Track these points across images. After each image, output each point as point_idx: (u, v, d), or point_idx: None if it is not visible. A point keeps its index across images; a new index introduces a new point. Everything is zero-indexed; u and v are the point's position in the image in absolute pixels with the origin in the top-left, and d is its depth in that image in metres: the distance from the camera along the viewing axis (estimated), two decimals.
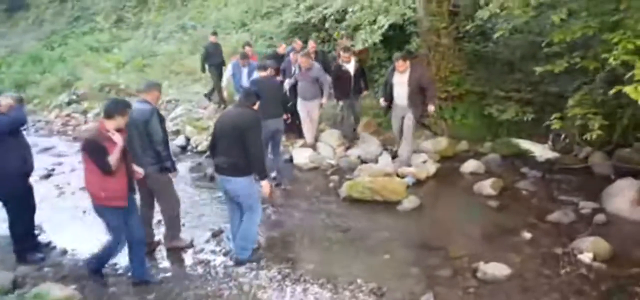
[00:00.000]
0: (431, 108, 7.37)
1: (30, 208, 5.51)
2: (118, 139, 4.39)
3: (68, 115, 12.30)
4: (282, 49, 10.10)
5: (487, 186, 6.64)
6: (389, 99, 7.65)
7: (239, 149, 4.74)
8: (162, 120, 5.29)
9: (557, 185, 6.80)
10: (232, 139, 4.78)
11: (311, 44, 9.47)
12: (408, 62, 7.28)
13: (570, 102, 6.30)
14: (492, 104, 8.44)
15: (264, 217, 6.24)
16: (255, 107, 5.05)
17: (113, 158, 4.33)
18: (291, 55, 9.15)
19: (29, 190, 5.52)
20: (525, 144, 8.03)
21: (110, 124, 4.41)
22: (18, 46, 17.33)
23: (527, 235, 5.40)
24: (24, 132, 5.61)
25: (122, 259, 5.28)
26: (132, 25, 16.73)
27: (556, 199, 6.37)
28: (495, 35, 7.50)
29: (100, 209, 4.55)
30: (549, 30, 6.98)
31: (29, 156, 5.42)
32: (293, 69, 8.69)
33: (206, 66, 10.93)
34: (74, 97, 12.89)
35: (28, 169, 5.43)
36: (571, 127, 6.83)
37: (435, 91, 7.66)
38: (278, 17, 12.81)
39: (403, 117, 7.46)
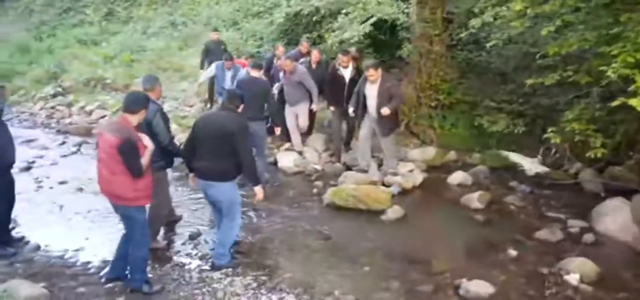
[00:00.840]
0: (385, 110, 6.80)
1: (8, 201, 5.32)
2: (148, 142, 4.25)
3: (53, 107, 12.08)
4: (304, 47, 9.22)
5: (474, 199, 6.51)
6: (361, 108, 7.15)
7: (226, 153, 4.61)
8: (166, 120, 5.08)
9: (546, 201, 6.67)
10: (218, 143, 4.62)
11: (280, 49, 9.26)
12: (379, 71, 6.91)
13: (569, 115, 6.21)
14: (482, 114, 8.35)
15: (244, 221, 6.09)
16: (240, 109, 4.90)
17: (144, 161, 4.19)
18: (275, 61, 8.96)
19: (10, 183, 5.35)
20: (514, 157, 7.95)
21: (134, 119, 4.22)
22: (6, 36, 17.00)
23: (513, 252, 5.26)
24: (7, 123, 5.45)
25: (94, 258, 5.16)
26: (122, 20, 16.53)
27: (544, 216, 6.24)
28: (489, 45, 7.39)
29: (127, 209, 4.31)
30: (543, 41, 6.91)
31: (10, 147, 5.22)
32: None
33: (206, 64, 10.63)
34: (60, 89, 12.65)
35: (7, 161, 5.22)
36: (564, 141, 6.73)
37: (400, 102, 7.28)
38: (269, 16, 12.67)
39: (374, 130, 7.19)
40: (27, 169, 8.05)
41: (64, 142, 9.71)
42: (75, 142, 9.65)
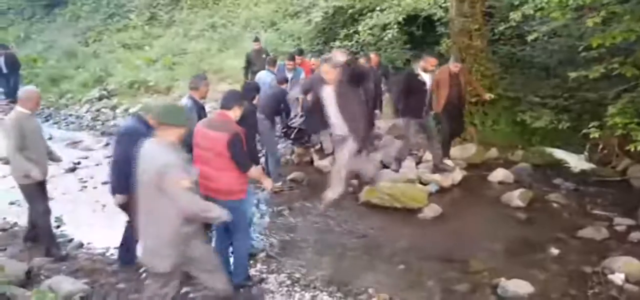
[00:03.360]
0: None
1: None
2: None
3: (98, 110, 12.51)
4: (375, 59, 8.35)
5: (515, 197, 6.30)
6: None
7: None
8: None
9: (591, 198, 6.39)
10: None
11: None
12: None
13: (611, 110, 5.94)
14: (525, 110, 8.08)
15: (279, 219, 6.11)
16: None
17: None
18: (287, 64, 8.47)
19: None
20: (559, 154, 7.67)
21: (232, 115, 4.24)
22: (54, 42, 17.79)
23: (555, 251, 5.06)
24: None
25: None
26: (164, 24, 16.92)
27: (589, 214, 5.99)
28: (530, 38, 7.15)
29: (234, 202, 4.18)
30: (589, 33, 6.62)
31: None
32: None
33: (250, 75, 10.00)
34: (105, 92, 13.10)
35: None
36: (610, 136, 6.42)
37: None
38: (306, 16, 12.71)
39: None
40: (72, 169, 8.37)
41: (108, 144, 9.98)
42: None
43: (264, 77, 8.11)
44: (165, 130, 3.37)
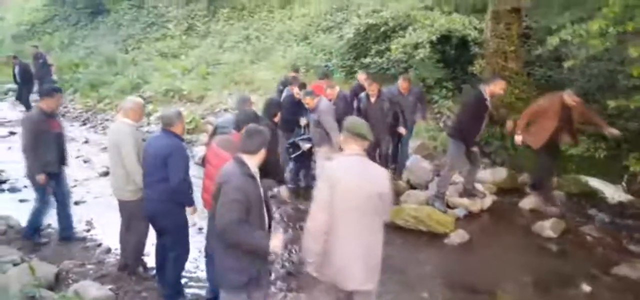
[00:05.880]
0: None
1: None
2: None
3: None
4: (404, 85, 7.61)
5: (547, 227, 6.11)
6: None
7: None
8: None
9: (628, 233, 6.12)
10: None
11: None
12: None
13: None
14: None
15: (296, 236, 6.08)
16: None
17: None
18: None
19: None
20: (595, 183, 7.36)
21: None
22: (96, 48, 18.40)
23: (587, 288, 4.87)
24: None
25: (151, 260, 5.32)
26: (201, 34, 17.24)
27: (625, 249, 5.74)
28: (567, 65, 6.94)
29: None
30: (630, 61, 6.38)
31: None
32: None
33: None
34: (141, 99, 13.34)
35: None
36: None
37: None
38: (338, 31, 12.74)
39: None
40: (106, 173, 8.53)
41: None
42: None
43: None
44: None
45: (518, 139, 6.61)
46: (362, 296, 3.39)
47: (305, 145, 7.33)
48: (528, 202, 6.95)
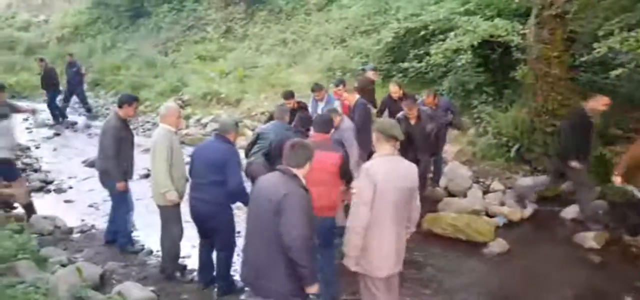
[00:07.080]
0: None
1: None
2: None
3: None
4: (428, 99, 7.57)
5: (589, 238, 5.95)
6: None
7: None
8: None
9: None
10: None
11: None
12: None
13: None
14: (605, 143, 7.57)
15: None
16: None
17: None
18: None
19: None
20: None
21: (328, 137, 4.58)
22: (137, 50, 18.84)
23: None
24: None
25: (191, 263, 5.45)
26: (239, 37, 17.41)
27: None
28: (614, 74, 6.71)
29: (333, 220, 4.44)
30: None
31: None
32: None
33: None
34: (180, 102, 13.62)
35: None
36: None
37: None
38: (376, 34, 12.66)
39: None
40: (147, 175, 8.74)
41: None
42: (190, 152, 10.30)
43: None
44: None
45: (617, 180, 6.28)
46: (392, 277, 3.81)
47: None
48: (570, 211, 6.78)
